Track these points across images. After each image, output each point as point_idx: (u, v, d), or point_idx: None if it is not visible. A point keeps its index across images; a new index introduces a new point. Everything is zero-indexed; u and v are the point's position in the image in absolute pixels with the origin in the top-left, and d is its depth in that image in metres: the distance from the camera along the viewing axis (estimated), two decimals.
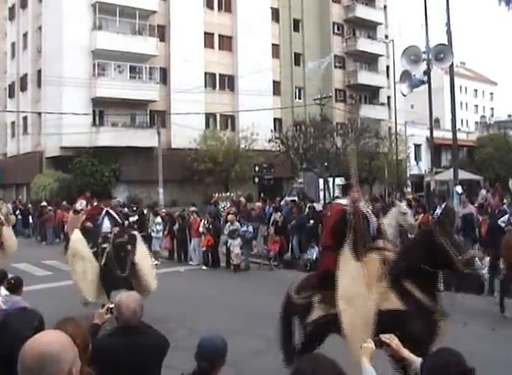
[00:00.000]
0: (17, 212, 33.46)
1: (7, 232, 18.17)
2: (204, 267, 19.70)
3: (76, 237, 12.15)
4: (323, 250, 7.30)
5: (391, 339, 3.68)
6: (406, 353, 3.66)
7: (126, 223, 23.04)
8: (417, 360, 3.36)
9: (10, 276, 7.68)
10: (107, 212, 12.68)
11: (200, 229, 20.30)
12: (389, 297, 6.22)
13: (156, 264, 20.78)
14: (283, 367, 7.85)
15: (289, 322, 7.49)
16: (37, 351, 2.32)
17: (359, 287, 6.41)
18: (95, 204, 15.99)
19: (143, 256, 11.54)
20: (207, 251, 20.14)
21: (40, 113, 40.68)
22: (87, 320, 3.32)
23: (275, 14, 50.08)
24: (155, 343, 4.44)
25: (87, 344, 3.54)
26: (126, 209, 26.07)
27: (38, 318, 3.48)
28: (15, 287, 7.15)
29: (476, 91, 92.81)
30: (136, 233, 12.49)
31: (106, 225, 12.27)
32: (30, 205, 34.19)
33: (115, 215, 12.79)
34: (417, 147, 55.78)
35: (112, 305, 4.43)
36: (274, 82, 48.48)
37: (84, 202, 20.35)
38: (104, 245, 11.44)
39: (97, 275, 11.35)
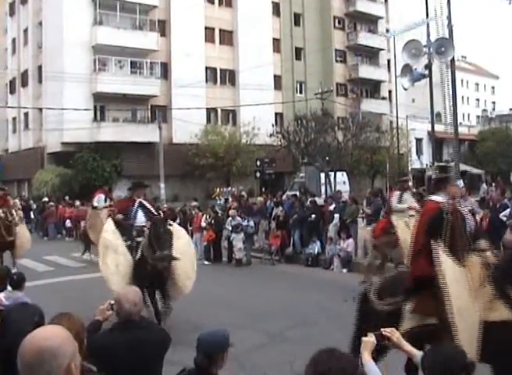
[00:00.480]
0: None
1: (21, 229, 17.62)
2: (206, 262, 19.70)
3: (109, 227, 11.28)
4: (415, 253, 6.31)
5: (392, 333, 3.68)
6: (407, 347, 3.67)
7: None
8: (418, 354, 3.36)
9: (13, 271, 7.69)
10: (140, 203, 11.50)
11: (203, 224, 20.30)
12: (496, 306, 5.48)
13: None
14: (285, 361, 7.88)
15: (364, 328, 5.95)
16: (36, 346, 2.32)
17: (466, 296, 5.66)
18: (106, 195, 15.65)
19: (181, 254, 10.42)
20: (208, 245, 20.16)
21: (41, 109, 40.69)
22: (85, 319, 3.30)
23: (276, 8, 49.97)
24: (157, 338, 4.44)
25: (81, 338, 3.53)
26: None
27: (38, 313, 3.51)
28: (17, 282, 7.15)
29: (477, 84, 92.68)
30: (177, 227, 11.59)
31: (140, 218, 11.21)
32: (31, 201, 34.22)
33: (149, 206, 11.64)
34: (419, 141, 55.71)
35: (113, 301, 4.44)
36: (275, 76, 48.43)
37: (103, 197, 20.18)
38: (139, 239, 10.61)
39: (129, 270, 10.45)
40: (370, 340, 3.54)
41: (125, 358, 4.13)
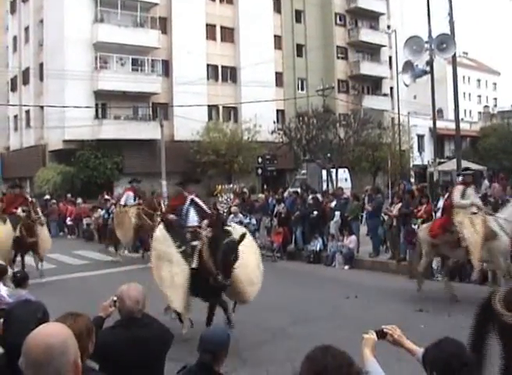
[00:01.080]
0: None
1: (41, 231, 16.37)
2: None
3: (159, 234, 9.98)
4: None
5: (393, 330, 3.68)
6: (408, 344, 3.67)
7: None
8: (419, 351, 3.36)
9: (16, 269, 7.71)
10: (192, 200, 10.24)
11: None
12: None
13: None
14: (286, 358, 7.89)
15: (485, 340, 5.11)
16: (43, 343, 2.31)
17: None
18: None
19: (243, 258, 9.11)
20: None
21: (42, 107, 40.67)
22: (86, 317, 3.29)
23: (277, 5, 49.95)
24: (159, 335, 4.44)
25: (83, 340, 3.51)
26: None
27: (42, 310, 3.51)
28: (20, 281, 7.19)
29: (479, 80, 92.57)
30: (237, 227, 10.30)
31: (192, 217, 10.05)
32: (34, 199, 34.20)
33: (201, 204, 10.42)
34: (420, 137, 55.64)
35: (116, 298, 4.44)
36: (276, 73, 48.43)
37: (132, 195, 19.98)
38: (195, 243, 9.41)
39: (186, 280, 9.14)
40: (371, 337, 3.54)
41: (127, 355, 4.13)
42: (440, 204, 15.10)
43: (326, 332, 9.39)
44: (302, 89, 50.55)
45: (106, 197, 26.28)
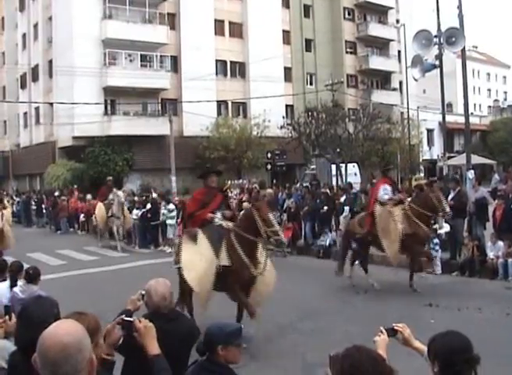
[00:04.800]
0: (32, 202, 33.84)
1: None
2: None
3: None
4: None
5: (404, 328, 3.70)
6: (416, 343, 3.68)
7: (138, 212, 23.23)
8: (426, 350, 3.37)
9: (27, 266, 7.77)
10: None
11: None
12: None
13: (169, 252, 20.98)
14: (295, 352, 7.93)
15: None
16: (60, 341, 2.30)
17: None
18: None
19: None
20: None
21: (52, 103, 40.79)
22: (91, 315, 3.31)
23: (285, 0, 49.85)
24: (185, 330, 4.48)
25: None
26: (136, 198, 26.21)
27: (56, 305, 3.55)
28: (32, 277, 7.24)
29: (489, 74, 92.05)
30: None
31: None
32: (44, 196, 34.41)
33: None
34: (430, 132, 55.57)
35: (144, 292, 4.48)
36: (285, 68, 48.36)
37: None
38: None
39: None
40: (383, 338, 3.56)
41: None
42: (451, 196, 15.15)
43: (336, 326, 9.42)
44: (311, 84, 50.49)
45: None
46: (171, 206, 22.21)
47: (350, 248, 14.27)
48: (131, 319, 3.71)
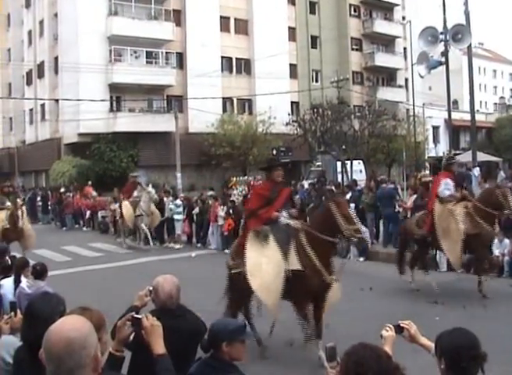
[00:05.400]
0: (38, 198, 33.89)
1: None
2: (227, 251, 19.67)
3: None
4: None
5: (410, 325, 3.70)
6: (423, 340, 3.68)
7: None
8: (432, 346, 3.38)
9: (33, 262, 7.80)
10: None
11: (221, 213, 20.20)
12: None
13: (178, 248, 21.03)
14: (303, 350, 7.93)
15: None
16: (64, 337, 2.32)
17: None
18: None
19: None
20: (229, 234, 19.81)
21: (57, 100, 40.86)
22: (95, 311, 3.31)
23: None
24: (192, 327, 4.49)
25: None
26: None
27: (62, 303, 3.56)
28: (39, 273, 7.27)
29: (495, 71, 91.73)
30: None
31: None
32: (49, 192, 34.48)
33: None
34: (436, 129, 55.43)
35: (151, 288, 4.50)
36: (291, 65, 48.33)
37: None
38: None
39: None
40: (390, 334, 3.56)
41: None
42: None
43: (340, 324, 9.40)
44: (316, 81, 50.43)
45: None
46: (178, 201, 22.23)
47: (408, 249, 13.18)
48: (140, 316, 3.71)
